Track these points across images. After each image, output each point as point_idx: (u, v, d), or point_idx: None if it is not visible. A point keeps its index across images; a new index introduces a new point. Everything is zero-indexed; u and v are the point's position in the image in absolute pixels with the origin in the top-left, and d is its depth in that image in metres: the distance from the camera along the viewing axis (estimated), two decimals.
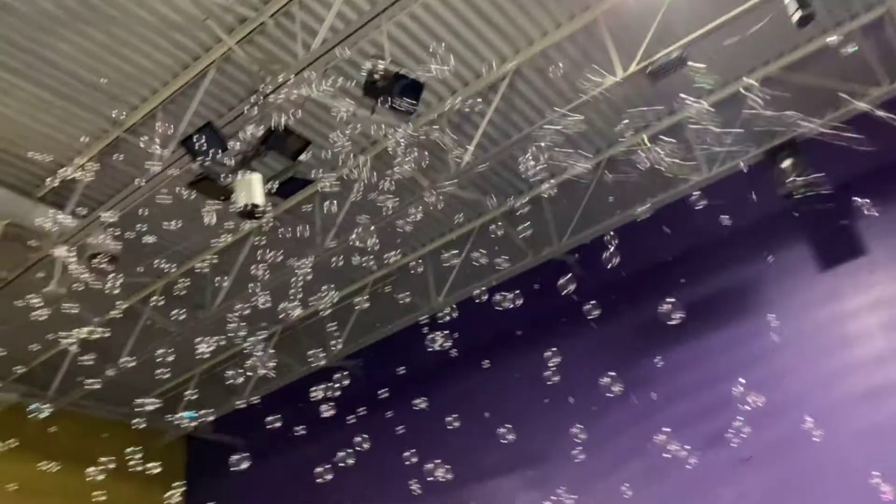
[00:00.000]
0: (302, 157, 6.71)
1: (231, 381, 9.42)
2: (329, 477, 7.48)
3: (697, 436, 8.05)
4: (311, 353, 8.55)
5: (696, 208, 7.77)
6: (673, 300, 6.90)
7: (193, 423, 6.87)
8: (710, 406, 8.26)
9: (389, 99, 6.37)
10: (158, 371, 8.48)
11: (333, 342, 10.16)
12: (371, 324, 10.27)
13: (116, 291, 7.71)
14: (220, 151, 6.49)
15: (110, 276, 7.81)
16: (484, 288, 7.78)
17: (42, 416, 6.83)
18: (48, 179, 7.82)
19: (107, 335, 8.15)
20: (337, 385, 6.93)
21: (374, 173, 7.71)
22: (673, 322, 6.87)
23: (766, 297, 8.54)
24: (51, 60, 6.87)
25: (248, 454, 6.90)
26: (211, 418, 6.74)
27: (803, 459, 7.65)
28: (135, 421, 8.05)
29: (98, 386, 9.10)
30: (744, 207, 7.97)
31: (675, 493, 8.00)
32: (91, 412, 10.11)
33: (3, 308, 8.76)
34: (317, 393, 6.96)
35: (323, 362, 9.20)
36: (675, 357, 8.62)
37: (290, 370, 11.00)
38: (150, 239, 7.78)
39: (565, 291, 6.57)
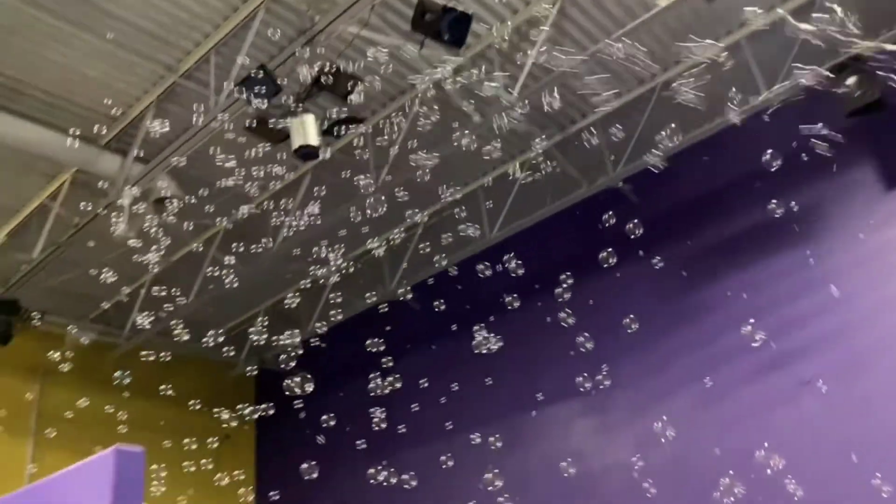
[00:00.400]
0: (353, 96, 6.77)
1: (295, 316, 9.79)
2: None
3: (757, 359, 8.06)
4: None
5: (756, 131, 7.60)
6: (752, 321, 6.86)
7: None
8: (772, 330, 8.23)
9: (438, 33, 6.32)
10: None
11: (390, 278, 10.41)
12: (428, 258, 10.41)
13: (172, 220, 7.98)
14: (273, 94, 6.58)
15: (174, 218, 8.08)
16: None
17: (126, 382, 7.25)
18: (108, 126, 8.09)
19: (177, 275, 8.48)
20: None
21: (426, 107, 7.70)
22: (756, 344, 6.83)
23: (830, 219, 8.37)
24: (106, 10, 7.00)
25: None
26: (272, 412, 7.14)
27: (867, 382, 7.61)
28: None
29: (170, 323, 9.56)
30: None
31: (733, 417, 8.06)
32: (164, 348, 10.61)
33: (77, 252, 9.19)
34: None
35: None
36: (736, 283, 8.56)
37: (350, 305, 11.29)
38: (210, 182, 7.99)
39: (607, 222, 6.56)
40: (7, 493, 3.73)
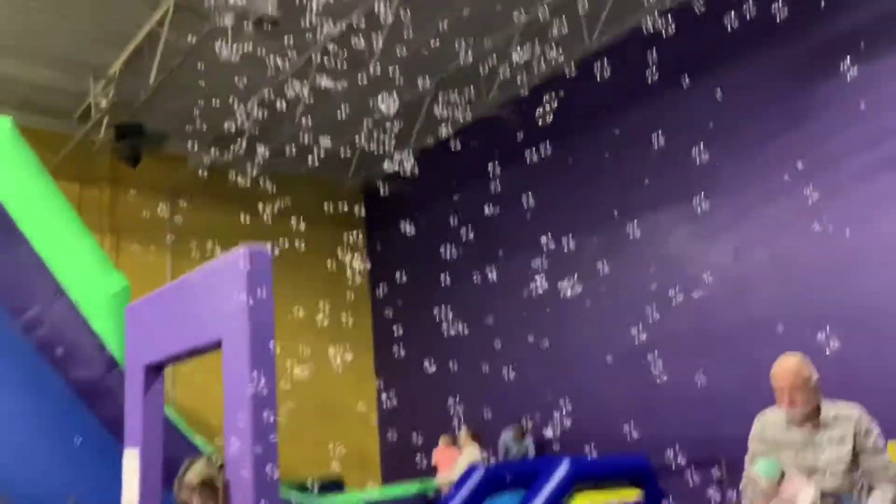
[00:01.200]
0: None
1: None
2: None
3: (865, 162, 7.81)
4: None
5: None
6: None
7: None
8: (883, 130, 7.87)
9: None
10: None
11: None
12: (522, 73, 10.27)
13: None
14: None
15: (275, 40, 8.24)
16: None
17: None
18: None
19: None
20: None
21: None
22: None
23: None
24: None
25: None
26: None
27: None
28: None
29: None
30: None
31: (840, 216, 7.87)
32: (280, 169, 11.21)
33: (190, 77, 9.60)
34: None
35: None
36: (844, 83, 8.08)
37: (452, 120, 11.40)
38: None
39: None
40: None
